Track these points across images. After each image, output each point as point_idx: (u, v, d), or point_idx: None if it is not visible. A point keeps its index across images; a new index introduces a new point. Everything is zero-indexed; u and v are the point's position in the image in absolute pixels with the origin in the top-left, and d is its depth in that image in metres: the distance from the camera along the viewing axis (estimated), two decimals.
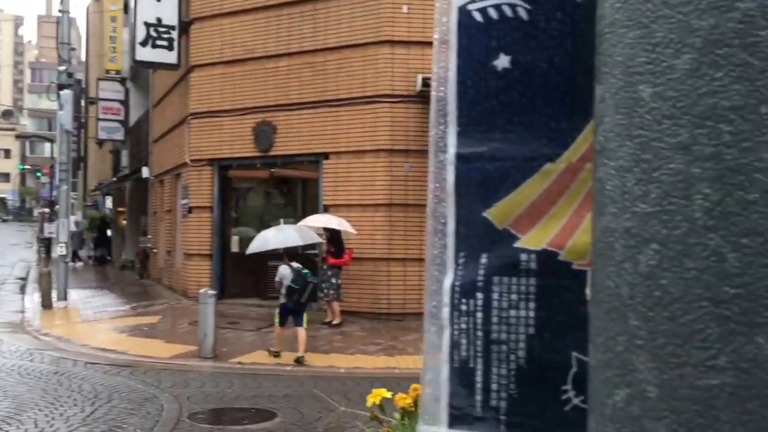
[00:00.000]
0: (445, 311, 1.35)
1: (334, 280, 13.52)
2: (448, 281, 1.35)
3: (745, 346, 0.83)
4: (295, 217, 16.21)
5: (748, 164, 0.84)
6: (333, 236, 13.64)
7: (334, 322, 13.49)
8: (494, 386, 1.32)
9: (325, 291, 13.61)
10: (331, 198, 15.05)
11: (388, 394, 2.31)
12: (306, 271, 10.62)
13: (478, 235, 1.34)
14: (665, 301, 0.89)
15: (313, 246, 15.02)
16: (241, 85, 16.02)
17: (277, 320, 10.80)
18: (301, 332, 10.57)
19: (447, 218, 1.36)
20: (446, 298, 1.35)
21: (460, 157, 1.35)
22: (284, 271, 10.49)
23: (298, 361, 10.45)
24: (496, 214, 1.34)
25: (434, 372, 1.35)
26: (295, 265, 10.66)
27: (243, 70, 15.99)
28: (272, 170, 17.00)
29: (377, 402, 2.35)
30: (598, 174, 1.02)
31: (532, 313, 1.31)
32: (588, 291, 1.23)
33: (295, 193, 18.46)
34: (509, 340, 1.32)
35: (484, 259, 1.34)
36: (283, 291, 10.42)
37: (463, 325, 1.34)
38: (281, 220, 13.36)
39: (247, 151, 16.04)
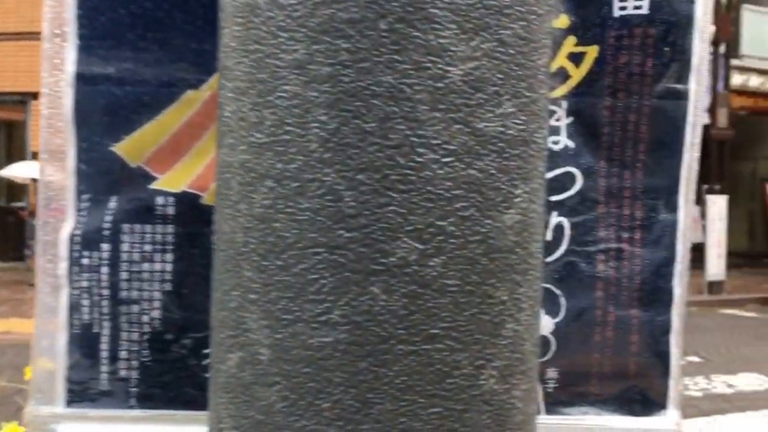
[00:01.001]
0: (63, 267, 1.12)
1: None
2: (66, 230, 1.12)
3: (360, 298, 0.73)
4: None
5: (365, 88, 0.72)
6: None
7: None
8: (123, 354, 1.12)
9: (34, 248, 12.30)
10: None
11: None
12: None
13: (104, 174, 1.12)
14: (279, 247, 0.76)
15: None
16: None
17: None
18: None
19: (66, 153, 1.12)
20: (64, 251, 1.12)
21: (81, 78, 1.11)
22: None
23: None
24: (127, 149, 1.12)
25: (49, 341, 1.12)
26: None
27: None
28: None
29: None
30: (220, 98, 0.86)
31: (169, 267, 1.13)
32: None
33: None
34: (142, 298, 1.13)
35: (112, 203, 1.12)
36: None
37: (85, 283, 1.12)
38: None
39: None
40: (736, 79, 14.28)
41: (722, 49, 11.35)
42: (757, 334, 8.30)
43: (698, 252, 11.16)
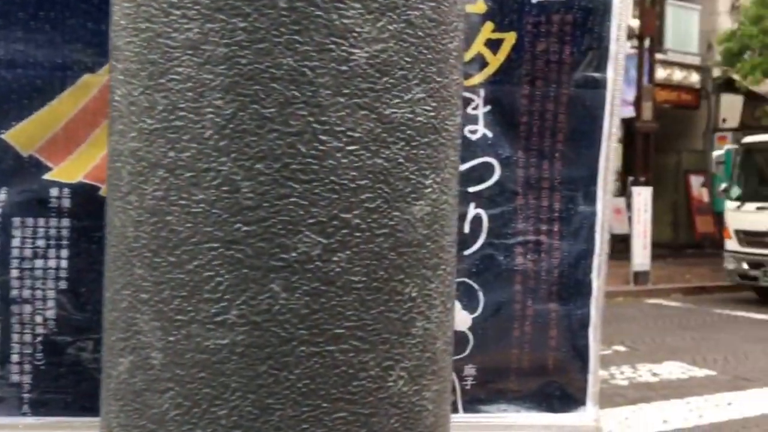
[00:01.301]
0: None
1: None
2: None
3: (259, 296, 0.68)
4: None
5: (264, 71, 0.67)
6: None
7: None
8: (15, 357, 1.04)
9: None
10: None
11: None
12: None
13: None
14: (172, 242, 0.70)
15: None
16: None
17: None
18: None
19: None
20: None
21: None
22: None
23: None
24: (18, 136, 1.04)
25: None
26: None
27: None
28: None
29: None
30: (111, 81, 0.79)
31: (64, 264, 1.06)
32: None
33: None
34: (35, 298, 1.05)
35: (2, 195, 1.04)
36: None
37: None
38: None
39: None
40: (660, 73, 14.70)
41: (647, 43, 11.64)
42: (680, 324, 8.57)
43: (624, 243, 11.47)
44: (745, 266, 10.07)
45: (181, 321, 0.69)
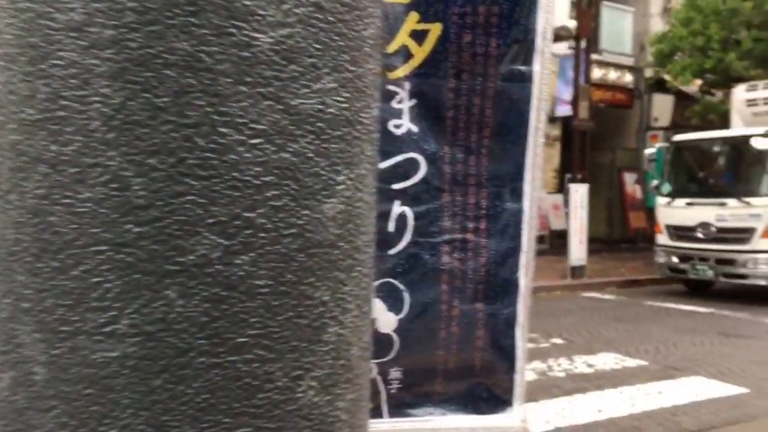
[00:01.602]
0: None
1: None
2: None
3: (152, 304, 0.62)
4: None
5: (156, 56, 0.61)
6: None
7: None
8: None
9: None
10: None
11: None
12: None
13: None
14: (55, 245, 0.63)
15: None
16: None
17: None
18: None
19: None
20: None
21: None
22: None
23: None
24: None
25: None
26: None
27: None
28: None
29: None
30: None
31: None
32: None
33: None
34: None
35: None
36: None
37: None
38: None
39: None
40: (596, 73, 15.02)
41: (583, 44, 11.85)
42: (615, 316, 8.75)
43: (562, 238, 11.65)
44: (675, 260, 10.35)
45: (66, 332, 0.63)
